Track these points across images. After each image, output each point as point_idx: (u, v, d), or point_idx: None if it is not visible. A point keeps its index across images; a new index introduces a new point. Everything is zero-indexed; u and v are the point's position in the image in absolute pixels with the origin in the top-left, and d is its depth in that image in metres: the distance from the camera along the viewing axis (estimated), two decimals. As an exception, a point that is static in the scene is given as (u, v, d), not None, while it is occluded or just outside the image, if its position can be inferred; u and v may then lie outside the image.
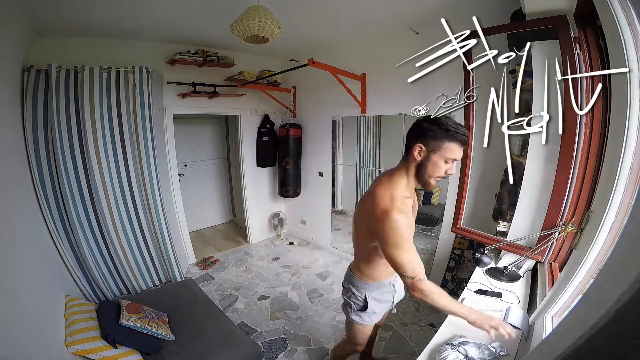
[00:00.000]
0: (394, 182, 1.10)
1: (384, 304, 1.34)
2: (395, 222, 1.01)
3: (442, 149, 1.02)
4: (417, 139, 1.06)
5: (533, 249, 1.49)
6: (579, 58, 1.28)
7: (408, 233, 1.03)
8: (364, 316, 1.32)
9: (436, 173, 1.06)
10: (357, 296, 1.31)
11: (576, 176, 1.36)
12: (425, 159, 1.05)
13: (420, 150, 1.05)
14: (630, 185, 0.96)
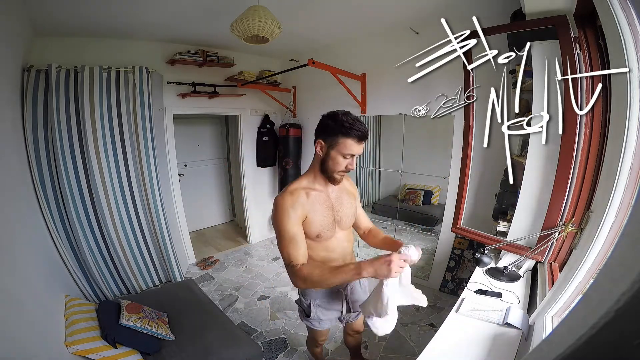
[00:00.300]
0: (300, 178, 1.17)
1: (332, 311, 1.34)
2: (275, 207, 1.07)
3: (339, 145, 1.04)
4: (318, 134, 1.09)
5: (533, 249, 1.49)
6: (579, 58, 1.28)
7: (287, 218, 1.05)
8: (312, 322, 1.35)
9: (337, 168, 1.08)
10: (303, 302, 1.35)
11: (576, 176, 1.36)
12: (325, 155, 1.08)
13: (321, 145, 1.08)
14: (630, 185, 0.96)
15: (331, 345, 2.11)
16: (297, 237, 1.06)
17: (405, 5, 2.11)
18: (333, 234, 1.19)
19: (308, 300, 1.32)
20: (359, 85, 2.86)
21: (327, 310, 1.34)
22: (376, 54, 2.75)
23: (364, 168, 3.56)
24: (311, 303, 1.32)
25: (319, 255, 1.19)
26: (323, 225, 1.14)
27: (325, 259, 1.21)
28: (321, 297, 1.33)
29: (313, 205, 1.12)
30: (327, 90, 3.15)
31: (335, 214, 1.19)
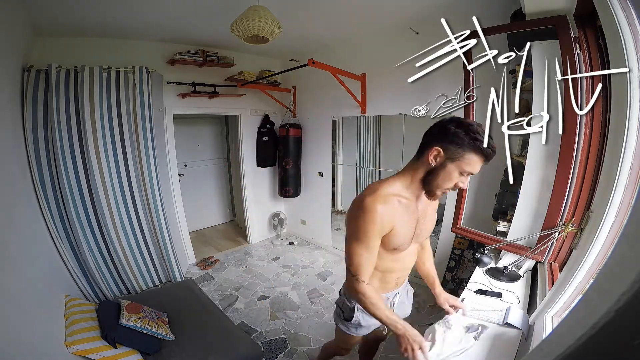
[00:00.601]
0: (391, 179, 1.01)
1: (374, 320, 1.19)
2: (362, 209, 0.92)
3: (462, 159, 0.89)
4: (437, 141, 0.92)
5: (533, 249, 1.49)
6: (579, 58, 1.27)
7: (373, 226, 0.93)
8: (350, 326, 1.25)
9: (446, 184, 0.94)
10: (347, 305, 1.24)
11: (576, 176, 1.36)
12: (439, 166, 0.92)
13: (437, 154, 0.91)
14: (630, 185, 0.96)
15: (331, 345, 2.11)
16: (374, 250, 0.98)
17: (405, 5, 2.11)
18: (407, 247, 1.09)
19: (353, 303, 1.21)
20: (359, 85, 2.86)
21: (370, 318, 1.19)
22: (376, 54, 2.75)
23: (364, 168, 3.56)
24: (356, 307, 1.20)
25: (384, 266, 1.10)
26: (405, 239, 1.03)
27: (388, 269, 1.13)
28: None
29: (402, 216, 0.99)
30: (327, 90, 3.15)
31: (417, 228, 1.07)
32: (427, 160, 0.94)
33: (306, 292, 2.76)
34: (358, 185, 3.67)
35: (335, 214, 3.69)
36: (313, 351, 2.05)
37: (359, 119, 3.29)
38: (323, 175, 3.56)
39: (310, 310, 2.49)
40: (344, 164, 3.59)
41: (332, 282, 2.92)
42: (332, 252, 3.57)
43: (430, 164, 0.93)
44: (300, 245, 3.82)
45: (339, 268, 3.21)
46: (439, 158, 0.92)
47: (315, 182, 3.65)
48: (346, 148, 3.52)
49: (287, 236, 4.05)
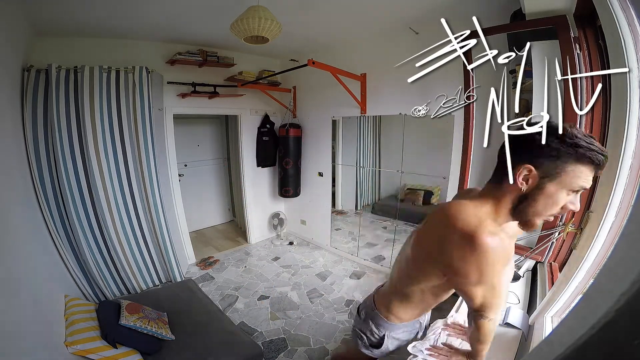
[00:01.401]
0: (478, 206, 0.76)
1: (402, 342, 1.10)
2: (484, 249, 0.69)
3: (567, 174, 0.68)
4: (524, 156, 0.70)
5: (533, 249, 1.49)
6: (579, 58, 1.28)
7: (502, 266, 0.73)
8: (374, 351, 1.11)
9: (549, 210, 0.71)
10: (374, 333, 1.07)
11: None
12: (535, 189, 0.70)
13: (528, 174, 0.70)
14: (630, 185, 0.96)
15: (331, 345, 2.11)
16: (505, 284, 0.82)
17: (405, 6, 2.11)
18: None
19: (383, 332, 1.05)
20: (359, 85, 2.86)
21: (398, 341, 1.08)
22: (376, 54, 2.75)
23: (364, 168, 3.56)
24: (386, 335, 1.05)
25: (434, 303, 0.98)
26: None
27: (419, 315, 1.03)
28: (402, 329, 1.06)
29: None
30: (327, 90, 3.15)
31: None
32: (515, 183, 0.71)
33: (306, 292, 2.76)
34: (358, 185, 3.67)
35: (335, 214, 3.69)
36: (313, 351, 2.05)
37: (359, 119, 3.29)
38: (323, 175, 3.56)
39: (310, 310, 2.49)
40: (344, 164, 3.58)
41: (332, 282, 2.92)
42: (331, 252, 3.57)
43: (521, 187, 0.71)
44: (300, 245, 3.82)
45: (339, 268, 3.21)
46: (530, 179, 0.70)
47: (315, 182, 3.65)
48: (346, 148, 3.52)
49: (287, 236, 4.05)
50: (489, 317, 0.80)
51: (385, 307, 1.04)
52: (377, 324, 1.06)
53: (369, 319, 1.09)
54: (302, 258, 3.47)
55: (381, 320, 1.05)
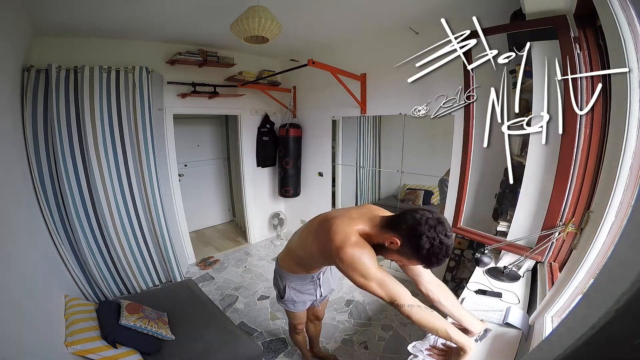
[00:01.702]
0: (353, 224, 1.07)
1: (305, 295, 1.47)
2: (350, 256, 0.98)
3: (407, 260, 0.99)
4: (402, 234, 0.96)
5: (533, 249, 1.49)
6: (579, 58, 1.28)
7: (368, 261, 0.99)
8: (287, 303, 1.48)
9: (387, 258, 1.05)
10: (279, 284, 1.46)
11: (576, 176, 1.36)
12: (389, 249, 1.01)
13: (393, 243, 0.98)
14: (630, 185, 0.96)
15: (331, 345, 2.11)
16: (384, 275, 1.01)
17: (405, 5, 2.11)
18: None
19: (284, 282, 1.43)
20: (359, 85, 2.86)
21: (301, 294, 1.45)
22: (376, 54, 2.75)
23: (364, 168, 3.56)
24: (287, 285, 1.43)
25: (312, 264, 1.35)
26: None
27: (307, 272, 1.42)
28: (296, 281, 1.43)
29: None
30: (327, 90, 3.15)
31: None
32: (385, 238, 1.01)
33: (306, 292, 2.76)
34: (358, 185, 3.67)
35: (335, 214, 3.68)
36: (313, 351, 2.05)
37: (359, 119, 3.29)
38: (323, 175, 3.57)
39: (310, 310, 2.49)
40: (344, 164, 3.58)
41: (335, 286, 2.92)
42: (332, 252, 3.56)
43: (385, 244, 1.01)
44: (300, 245, 3.82)
45: (339, 268, 3.21)
46: (393, 245, 0.99)
47: (315, 182, 3.65)
48: (346, 148, 3.52)
49: (287, 236, 4.05)
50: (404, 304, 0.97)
51: (284, 263, 1.43)
52: (280, 276, 1.46)
53: (276, 274, 1.49)
54: (302, 258, 3.47)
55: (281, 272, 1.44)
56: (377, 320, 2.33)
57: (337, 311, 2.46)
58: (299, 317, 1.62)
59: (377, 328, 2.25)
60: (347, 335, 2.19)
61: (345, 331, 2.24)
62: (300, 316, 1.62)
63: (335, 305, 2.54)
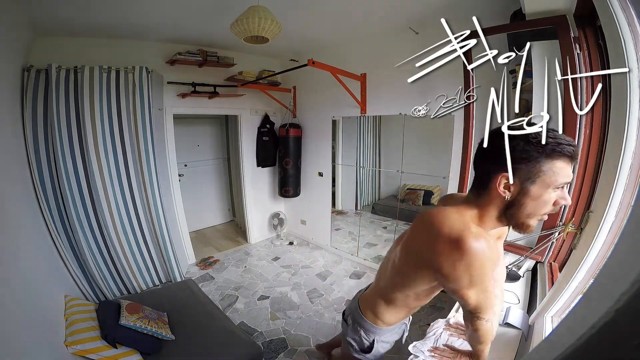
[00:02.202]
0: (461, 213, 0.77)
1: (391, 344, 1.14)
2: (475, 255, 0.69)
3: (545, 174, 0.68)
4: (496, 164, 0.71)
5: (533, 249, 1.49)
6: (579, 58, 1.28)
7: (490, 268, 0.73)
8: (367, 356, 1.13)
9: (541, 210, 0.71)
10: (364, 338, 1.09)
11: (576, 176, 1.36)
12: (519, 194, 0.70)
13: (507, 183, 0.70)
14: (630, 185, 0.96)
15: (331, 345, 2.11)
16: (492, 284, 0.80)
17: (405, 6, 2.11)
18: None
19: (372, 337, 1.08)
20: (359, 85, 2.86)
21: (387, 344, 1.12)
22: (376, 54, 2.75)
23: (364, 168, 3.56)
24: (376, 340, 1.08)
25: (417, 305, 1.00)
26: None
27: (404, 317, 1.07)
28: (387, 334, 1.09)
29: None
30: (327, 90, 3.15)
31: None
32: (497, 193, 0.72)
33: (306, 292, 2.76)
34: (358, 185, 3.67)
35: (335, 214, 3.69)
36: (313, 351, 2.05)
37: (359, 119, 3.29)
38: (323, 175, 3.56)
39: (310, 310, 2.49)
40: (344, 164, 3.58)
41: (332, 282, 2.92)
42: (331, 252, 3.57)
43: (504, 196, 0.72)
44: (300, 245, 3.82)
45: (339, 268, 3.21)
46: (514, 186, 0.70)
47: (315, 182, 3.65)
48: (346, 148, 3.52)
49: (287, 236, 4.05)
50: (485, 318, 0.80)
51: (372, 312, 1.05)
52: (366, 330, 1.07)
53: (357, 325, 1.09)
54: (302, 258, 3.47)
55: (369, 326, 1.06)
56: (377, 320, 2.33)
57: (337, 311, 2.46)
58: None
59: (377, 328, 2.25)
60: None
61: (345, 331, 2.24)
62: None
63: (335, 305, 2.54)
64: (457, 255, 0.70)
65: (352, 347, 1.13)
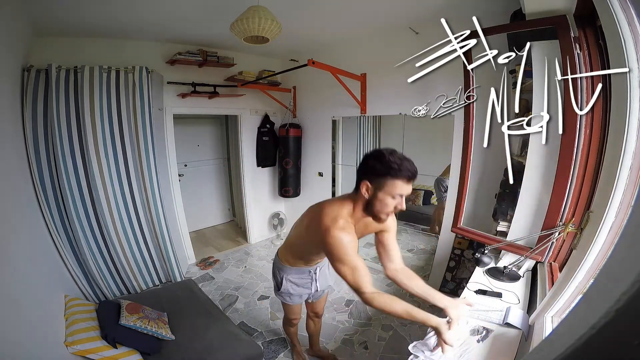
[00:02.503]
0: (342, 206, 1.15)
1: (301, 288, 1.52)
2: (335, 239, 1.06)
3: (387, 186, 1.03)
4: (363, 175, 1.07)
5: (533, 249, 1.49)
6: (579, 58, 1.27)
7: (350, 249, 1.07)
8: (284, 295, 1.53)
9: (385, 209, 1.07)
10: (277, 275, 1.52)
11: (576, 176, 1.36)
12: (372, 196, 1.06)
13: (367, 187, 1.06)
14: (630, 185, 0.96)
15: (331, 345, 2.11)
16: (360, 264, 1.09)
17: (405, 5, 2.11)
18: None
19: (281, 274, 1.49)
20: (359, 85, 2.86)
21: (297, 287, 1.51)
22: (376, 54, 2.75)
23: (364, 168, 3.55)
24: (284, 277, 1.48)
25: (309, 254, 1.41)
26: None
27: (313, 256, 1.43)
28: (293, 274, 1.49)
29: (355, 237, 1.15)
30: (327, 90, 3.15)
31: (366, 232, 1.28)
32: (361, 193, 1.09)
33: (306, 292, 2.76)
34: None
35: (335, 214, 3.69)
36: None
37: (359, 119, 3.29)
38: (323, 175, 3.56)
39: (310, 310, 2.49)
40: (344, 164, 3.58)
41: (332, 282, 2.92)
42: (332, 252, 3.56)
43: (365, 196, 1.08)
44: (300, 245, 3.82)
45: (339, 268, 3.21)
46: (369, 190, 1.06)
47: (315, 182, 3.65)
48: (346, 148, 3.52)
49: (287, 236, 4.05)
50: (367, 292, 1.05)
51: (282, 255, 1.49)
52: (278, 269, 1.51)
53: (275, 267, 1.55)
54: (302, 258, 3.47)
55: (279, 265, 1.50)
56: (377, 320, 2.33)
57: (337, 311, 2.46)
58: (294, 311, 1.66)
59: (377, 328, 2.25)
60: (347, 335, 2.19)
61: (345, 331, 2.24)
62: (296, 310, 1.66)
63: (335, 305, 2.54)
64: (327, 238, 1.08)
65: (275, 289, 1.57)
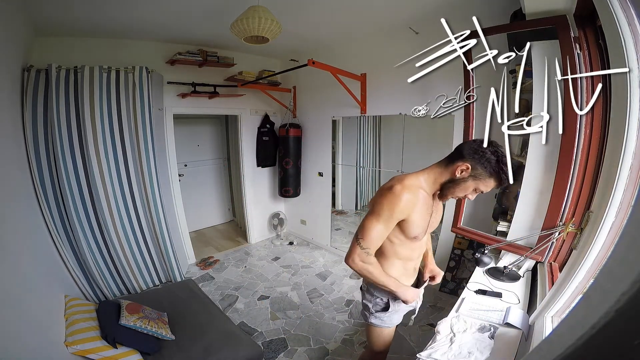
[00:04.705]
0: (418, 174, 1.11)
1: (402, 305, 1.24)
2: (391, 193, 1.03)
3: (483, 181, 1.01)
4: (470, 158, 1.02)
5: (533, 249, 1.49)
6: (579, 58, 1.28)
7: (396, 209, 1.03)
8: (385, 317, 1.24)
9: (459, 194, 1.06)
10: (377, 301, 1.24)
11: (576, 176, 1.36)
12: (462, 179, 1.03)
13: (465, 169, 1.02)
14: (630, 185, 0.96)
15: (331, 345, 2.11)
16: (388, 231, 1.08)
17: (405, 5, 2.11)
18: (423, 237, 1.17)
19: (386, 296, 1.23)
20: (359, 85, 2.86)
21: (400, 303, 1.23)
22: (376, 54, 2.75)
23: (364, 168, 3.56)
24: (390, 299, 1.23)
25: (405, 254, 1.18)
26: (421, 228, 1.12)
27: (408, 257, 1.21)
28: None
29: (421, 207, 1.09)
30: (327, 90, 3.15)
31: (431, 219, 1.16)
32: (453, 170, 1.04)
33: (306, 292, 2.76)
34: (358, 185, 3.67)
35: (335, 214, 3.69)
36: (313, 351, 2.05)
37: (359, 119, 3.29)
38: (323, 175, 3.56)
39: (310, 310, 2.49)
40: (344, 164, 3.58)
41: (332, 282, 2.92)
42: (332, 252, 3.57)
43: (456, 175, 1.03)
44: (300, 245, 3.82)
45: (339, 268, 3.21)
46: (464, 173, 1.02)
47: (315, 182, 3.65)
48: (346, 148, 3.52)
49: (287, 236, 4.05)
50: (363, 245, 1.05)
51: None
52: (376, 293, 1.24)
53: (370, 287, 1.26)
54: (302, 258, 3.47)
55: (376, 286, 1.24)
56: (377, 320, 2.33)
57: (337, 311, 2.46)
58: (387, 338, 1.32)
59: (377, 328, 2.25)
60: (347, 335, 2.19)
61: (345, 331, 2.24)
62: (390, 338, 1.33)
63: (335, 305, 2.54)
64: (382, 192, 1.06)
65: (368, 311, 1.27)
